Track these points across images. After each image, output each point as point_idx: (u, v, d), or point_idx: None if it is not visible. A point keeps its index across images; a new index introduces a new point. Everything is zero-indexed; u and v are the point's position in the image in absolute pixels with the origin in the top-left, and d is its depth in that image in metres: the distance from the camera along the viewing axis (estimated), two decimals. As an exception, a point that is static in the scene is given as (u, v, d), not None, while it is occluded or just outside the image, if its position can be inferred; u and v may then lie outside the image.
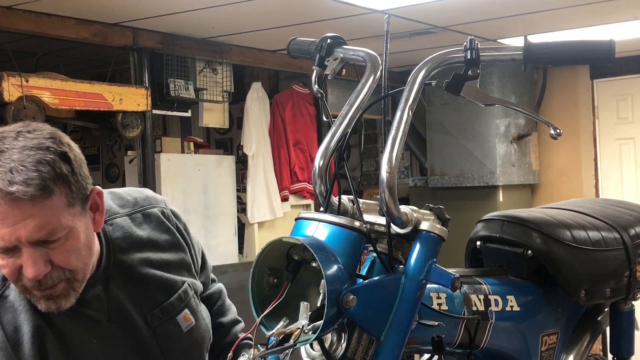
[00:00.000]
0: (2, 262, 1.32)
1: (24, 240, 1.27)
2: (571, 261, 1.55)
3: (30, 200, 1.25)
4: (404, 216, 1.21)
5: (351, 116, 1.32)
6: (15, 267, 1.31)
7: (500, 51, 1.33)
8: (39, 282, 1.31)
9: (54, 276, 1.33)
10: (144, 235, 1.54)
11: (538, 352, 1.53)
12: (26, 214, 1.26)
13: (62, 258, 1.33)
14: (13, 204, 1.25)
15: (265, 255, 1.20)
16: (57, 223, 1.30)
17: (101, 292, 1.46)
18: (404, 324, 1.20)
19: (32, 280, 1.30)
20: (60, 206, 1.30)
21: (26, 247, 1.28)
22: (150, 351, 1.49)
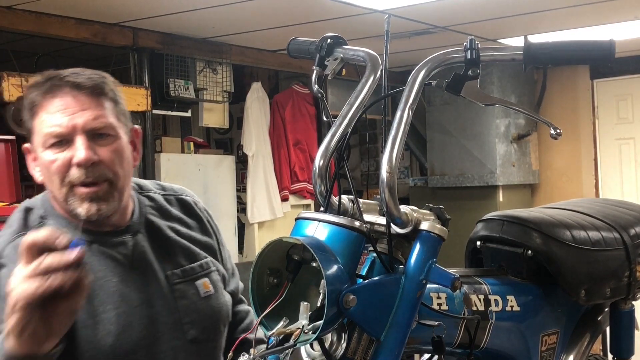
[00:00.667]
0: (53, 157, 1.43)
1: (80, 128, 1.43)
2: (571, 261, 1.55)
3: (89, 95, 1.45)
4: (404, 216, 1.21)
5: (351, 116, 1.32)
6: (66, 160, 1.43)
7: (500, 51, 1.33)
8: (85, 174, 1.42)
9: (98, 172, 1.44)
10: (175, 212, 1.67)
11: (538, 352, 1.53)
12: (84, 105, 1.44)
13: (108, 155, 1.45)
14: (74, 96, 1.44)
15: (265, 255, 1.20)
16: (108, 121, 1.47)
17: (129, 240, 1.55)
18: (404, 324, 1.20)
19: (81, 169, 1.41)
20: (110, 110, 1.48)
21: (80, 136, 1.43)
22: (165, 303, 1.54)
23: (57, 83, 1.46)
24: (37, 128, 1.46)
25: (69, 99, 1.44)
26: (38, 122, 1.46)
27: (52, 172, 1.45)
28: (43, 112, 1.45)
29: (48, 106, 1.45)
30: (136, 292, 1.51)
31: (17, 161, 3.96)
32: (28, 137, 1.51)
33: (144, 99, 4.67)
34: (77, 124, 1.43)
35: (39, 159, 1.48)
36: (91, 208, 1.44)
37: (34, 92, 1.48)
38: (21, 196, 3.94)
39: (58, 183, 1.45)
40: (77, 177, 1.43)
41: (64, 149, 1.44)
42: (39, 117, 1.45)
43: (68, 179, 1.44)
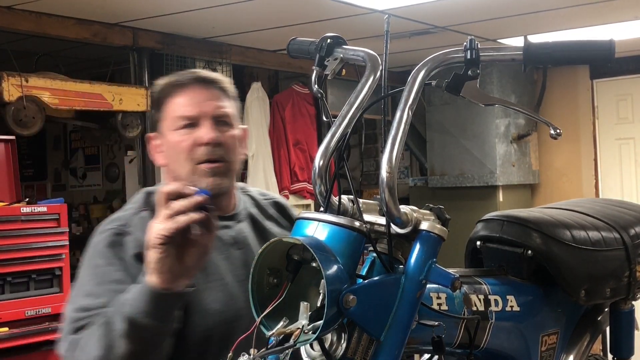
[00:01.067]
0: (182, 137, 1.64)
1: (207, 113, 1.65)
2: (571, 261, 1.55)
3: (215, 89, 1.69)
4: (404, 216, 1.21)
5: (351, 116, 1.32)
6: (193, 140, 1.64)
7: (500, 51, 1.33)
8: (210, 152, 1.62)
9: (220, 152, 1.64)
10: (271, 212, 1.86)
11: (538, 352, 1.53)
12: (211, 96, 1.67)
13: (228, 139, 1.67)
14: (202, 88, 1.68)
15: (265, 255, 1.20)
16: (230, 112, 1.71)
17: (234, 225, 1.75)
18: (404, 324, 1.20)
19: (207, 146, 1.62)
20: (230, 104, 1.72)
21: (206, 120, 1.65)
22: None
23: (187, 77, 1.70)
24: (166, 114, 1.68)
25: (198, 90, 1.67)
26: (168, 109, 1.68)
27: (179, 150, 1.65)
28: (174, 101, 1.68)
29: (178, 96, 1.67)
30: (239, 269, 1.68)
31: (17, 161, 3.97)
32: (153, 126, 1.74)
33: (143, 99, 4.66)
34: (205, 109, 1.65)
35: (166, 142, 1.68)
36: (212, 182, 1.63)
37: (165, 85, 1.71)
38: (21, 196, 3.94)
39: (184, 160, 1.64)
40: (203, 154, 1.63)
41: (191, 131, 1.65)
42: (169, 105, 1.68)
43: (194, 157, 1.64)
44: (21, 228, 3.54)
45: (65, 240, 3.71)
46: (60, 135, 8.65)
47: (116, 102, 4.51)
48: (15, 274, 3.51)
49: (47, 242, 3.63)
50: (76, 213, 8.18)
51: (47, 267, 3.64)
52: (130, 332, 1.39)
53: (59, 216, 3.69)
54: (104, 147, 8.28)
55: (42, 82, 4.15)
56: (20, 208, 3.57)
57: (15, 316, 3.49)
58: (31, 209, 3.59)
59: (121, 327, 1.39)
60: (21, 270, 3.53)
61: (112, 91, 4.51)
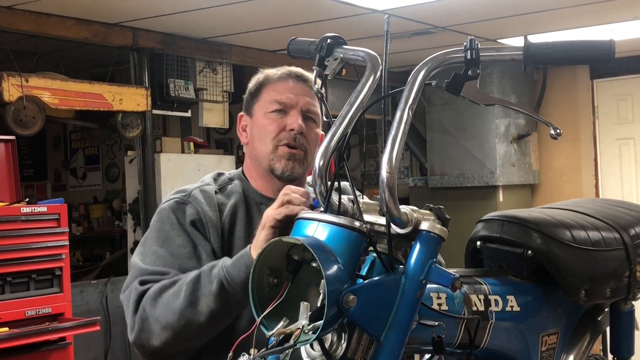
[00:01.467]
0: (271, 121, 1.80)
1: (299, 104, 1.80)
2: (571, 261, 1.55)
3: (309, 88, 1.82)
4: (404, 216, 1.21)
5: (351, 116, 1.32)
6: (281, 124, 1.79)
7: (500, 51, 1.33)
8: (294, 137, 1.77)
9: (301, 141, 1.79)
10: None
11: (538, 352, 1.53)
12: (305, 93, 1.82)
13: (310, 134, 1.81)
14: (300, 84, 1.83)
15: (265, 255, 1.20)
16: (316, 111, 1.84)
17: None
18: (404, 324, 1.20)
19: (292, 132, 1.77)
20: (317, 105, 1.84)
21: (295, 111, 1.80)
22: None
23: (291, 72, 1.86)
24: (264, 97, 1.85)
25: (296, 85, 1.83)
26: (266, 93, 1.85)
27: (266, 131, 1.80)
28: (273, 87, 1.84)
29: (278, 85, 1.84)
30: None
31: (17, 161, 3.97)
32: (247, 108, 1.91)
33: (144, 99, 4.67)
34: (298, 101, 1.81)
35: (255, 121, 1.85)
36: (287, 165, 1.78)
37: (270, 73, 1.87)
38: (21, 196, 3.94)
39: (269, 140, 1.80)
40: (286, 138, 1.79)
41: (281, 116, 1.80)
42: (268, 90, 1.85)
43: (277, 138, 1.79)
44: (21, 228, 3.54)
45: (65, 240, 3.71)
46: (60, 135, 8.65)
47: (116, 102, 4.51)
48: (15, 274, 3.51)
49: (47, 242, 3.63)
50: (76, 213, 8.19)
51: (47, 267, 3.64)
52: (219, 294, 1.54)
53: (59, 216, 3.69)
54: (104, 147, 8.28)
55: (42, 82, 4.15)
56: (20, 208, 3.57)
57: (15, 316, 3.49)
58: (31, 209, 3.59)
59: (213, 288, 1.54)
60: (21, 270, 3.53)
61: (112, 91, 4.51)
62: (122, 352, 4.78)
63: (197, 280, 1.57)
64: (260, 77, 1.89)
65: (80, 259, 7.71)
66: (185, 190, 1.83)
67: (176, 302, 1.57)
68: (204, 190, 1.80)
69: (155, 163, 4.93)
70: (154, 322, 1.59)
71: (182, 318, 1.56)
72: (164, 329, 1.58)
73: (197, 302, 1.55)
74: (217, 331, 1.61)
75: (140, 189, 4.92)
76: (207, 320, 1.55)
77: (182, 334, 1.57)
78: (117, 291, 4.74)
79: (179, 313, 1.56)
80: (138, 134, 4.75)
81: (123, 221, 7.15)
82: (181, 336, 1.58)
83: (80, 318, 3.76)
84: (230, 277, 1.53)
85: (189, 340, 1.60)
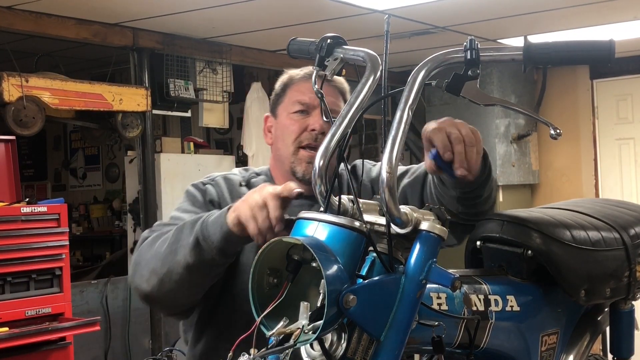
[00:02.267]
0: (293, 121, 1.81)
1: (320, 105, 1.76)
2: (571, 261, 1.55)
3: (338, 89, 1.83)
4: (404, 216, 1.21)
5: (351, 116, 1.32)
6: (303, 125, 1.80)
7: (500, 51, 1.33)
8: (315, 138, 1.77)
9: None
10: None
11: (538, 352, 1.53)
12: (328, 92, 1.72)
13: None
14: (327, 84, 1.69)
15: (265, 255, 1.20)
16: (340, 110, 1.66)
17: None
18: (404, 324, 1.20)
19: (314, 133, 1.78)
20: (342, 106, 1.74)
21: (317, 111, 1.79)
22: None
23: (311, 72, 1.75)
24: (287, 97, 1.85)
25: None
26: (290, 93, 1.85)
27: (288, 131, 1.81)
28: (297, 87, 1.84)
29: (301, 85, 1.84)
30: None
31: (17, 161, 3.97)
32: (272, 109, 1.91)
33: (144, 99, 4.67)
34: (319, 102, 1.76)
35: (279, 122, 1.86)
36: (308, 168, 1.77)
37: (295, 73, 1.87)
38: (21, 196, 3.95)
39: (290, 141, 1.81)
40: (307, 138, 1.79)
41: (303, 117, 1.81)
42: (292, 91, 1.85)
43: (299, 139, 1.80)
44: (21, 228, 3.54)
45: (65, 240, 3.71)
46: (60, 135, 8.65)
47: (116, 102, 4.51)
48: (15, 274, 3.51)
49: (47, 242, 3.63)
50: (76, 213, 8.19)
51: (47, 267, 3.64)
52: (194, 248, 1.54)
53: (59, 216, 3.69)
54: (104, 147, 8.29)
55: (42, 82, 4.15)
56: (20, 208, 3.57)
57: (15, 316, 3.49)
58: (31, 209, 3.59)
59: (189, 241, 1.55)
60: (21, 270, 3.53)
61: (112, 91, 4.51)
62: (122, 352, 4.78)
63: (181, 230, 1.59)
64: (284, 78, 1.90)
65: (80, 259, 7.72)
66: (211, 176, 1.88)
67: (161, 249, 1.61)
68: (227, 178, 1.86)
69: (155, 163, 4.93)
70: (145, 265, 1.63)
71: (164, 265, 1.58)
72: (152, 273, 1.61)
73: (176, 251, 1.57)
74: (198, 288, 1.63)
75: (140, 189, 4.92)
76: (183, 271, 1.56)
77: (164, 282, 1.59)
78: (117, 291, 4.75)
79: (162, 260, 1.59)
80: (138, 134, 4.75)
81: (123, 221, 7.15)
82: (164, 284, 1.59)
83: (80, 318, 3.76)
84: (205, 235, 1.54)
85: (172, 291, 1.60)
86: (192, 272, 1.56)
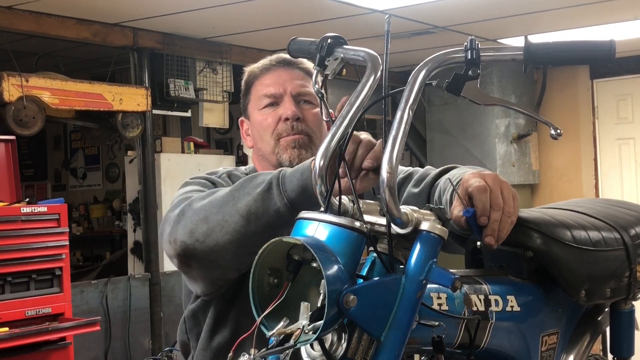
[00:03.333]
0: (265, 116, 1.78)
1: (288, 91, 1.77)
2: (571, 261, 1.54)
3: (301, 69, 1.80)
4: (405, 216, 1.21)
5: (351, 116, 1.32)
6: (276, 116, 1.76)
7: (500, 51, 1.33)
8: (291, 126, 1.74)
9: (301, 127, 1.75)
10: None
11: (538, 352, 1.53)
12: (293, 77, 1.78)
13: (308, 116, 1.77)
14: (289, 69, 1.80)
15: (265, 255, 1.20)
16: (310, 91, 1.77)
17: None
18: (404, 324, 1.20)
19: (288, 120, 1.74)
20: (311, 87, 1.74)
21: (287, 97, 1.76)
22: None
23: (272, 61, 1.82)
24: (253, 95, 1.83)
25: (281, 71, 1.79)
26: (254, 90, 1.83)
27: (263, 128, 1.78)
28: (259, 82, 1.82)
29: (264, 78, 1.81)
30: None
31: (17, 161, 3.97)
32: (244, 112, 1.88)
33: (144, 99, 4.67)
34: (286, 88, 1.77)
35: (252, 122, 1.83)
36: (293, 153, 1.73)
37: (252, 70, 1.85)
38: (21, 196, 3.95)
39: (268, 137, 1.77)
40: (284, 129, 1.75)
41: (274, 108, 1.78)
42: (255, 87, 1.82)
43: (276, 132, 1.76)
44: (21, 228, 3.54)
45: (65, 240, 3.71)
46: (60, 135, 8.65)
47: (116, 102, 4.51)
48: (15, 274, 3.51)
49: (47, 242, 3.63)
50: (76, 213, 8.19)
51: (47, 267, 3.64)
52: (262, 192, 1.46)
53: (59, 216, 3.69)
54: (104, 147, 8.29)
55: (42, 82, 4.15)
56: (20, 208, 3.57)
57: (15, 316, 3.49)
58: (31, 209, 3.59)
59: (260, 188, 1.46)
60: (21, 270, 3.53)
61: (112, 91, 4.51)
62: (122, 352, 4.78)
63: (250, 179, 1.50)
64: (245, 77, 1.88)
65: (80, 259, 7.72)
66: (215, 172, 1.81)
67: (220, 195, 1.51)
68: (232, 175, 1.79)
69: (155, 163, 4.93)
70: (193, 214, 1.52)
71: (220, 212, 1.47)
72: (200, 222, 1.49)
73: (239, 198, 1.47)
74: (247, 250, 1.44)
75: (140, 189, 4.92)
76: (240, 220, 1.45)
77: (214, 232, 1.47)
78: (117, 291, 4.75)
79: (219, 206, 1.48)
80: (138, 134, 4.75)
81: (123, 221, 7.16)
82: (213, 234, 1.47)
83: (80, 318, 3.76)
84: (282, 180, 1.45)
85: (218, 245, 1.48)
86: (250, 222, 1.45)
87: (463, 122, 5.98)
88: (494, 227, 1.34)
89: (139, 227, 4.99)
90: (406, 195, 1.80)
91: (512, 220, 1.38)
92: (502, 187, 1.37)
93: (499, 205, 1.35)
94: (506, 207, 1.36)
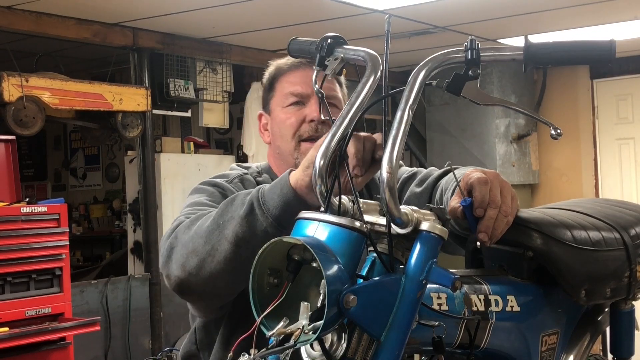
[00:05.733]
0: (289, 115, 1.73)
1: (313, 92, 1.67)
2: (571, 261, 1.54)
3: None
4: (405, 216, 1.21)
5: (351, 116, 1.32)
6: (300, 116, 1.72)
7: (500, 51, 1.33)
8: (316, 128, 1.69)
9: (325, 129, 1.67)
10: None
11: (538, 352, 1.53)
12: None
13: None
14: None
15: (265, 255, 1.20)
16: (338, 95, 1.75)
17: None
18: (404, 324, 1.20)
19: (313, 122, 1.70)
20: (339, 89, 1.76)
21: (313, 100, 1.71)
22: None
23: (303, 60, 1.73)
24: (278, 91, 1.77)
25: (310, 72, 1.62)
26: (279, 86, 1.77)
27: (286, 127, 1.73)
28: (286, 79, 1.76)
29: (291, 75, 1.76)
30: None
31: (17, 161, 3.97)
32: (264, 106, 1.83)
33: (144, 99, 4.67)
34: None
35: (274, 118, 1.78)
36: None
37: (280, 64, 1.79)
38: (21, 196, 3.95)
39: (289, 137, 1.73)
40: (307, 131, 1.71)
41: (299, 108, 1.73)
42: (281, 83, 1.77)
43: (298, 133, 1.72)
44: (21, 228, 3.54)
45: (65, 240, 3.71)
46: (60, 135, 8.65)
47: (116, 102, 4.51)
48: (15, 274, 3.51)
49: (47, 242, 3.63)
50: (76, 213, 8.19)
51: (47, 267, 3.64)
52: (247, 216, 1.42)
53: (59, 216, 3.69)
54: (104, 147, 8.29)
55: (42, 82, 4.15)
56: (20, 208, 3.57)
57: (15, 316, 3.49)
58: (31, 209, 3.59)
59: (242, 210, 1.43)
60: (21, 270, 3.53)
61: (112, 91, 4.51)
62: (122, 352, 4.78)
63: (231, 202, 1.47)
64: (271, 70, 1.81)
65: (80, 259, 7.72)
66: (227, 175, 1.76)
67: (204, 225, 1.47)
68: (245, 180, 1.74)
69: (155, 163, 4.93)
70: (182, 247, 1.49)
71: (208, 242, 1.44)
72: (190, 254, 1.46)
73: (224, 225, 1.44)
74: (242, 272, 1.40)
75: (140, 189, 4.92)
76: (230, 247, 1.42)
77: (206, 263, 1.44)
78: (117, 291, 4.75)
79: (205, 236, 1.45)
80: (138, 134, 4.75)
81: (123, 221, 7.16)
82: (206, 265, 1.44)
83: (80, 318, 3.76)
84: (262, 200, 1.42)
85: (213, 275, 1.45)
86: (239, 247, 1.42)
87: (463, 122, 5.98)
88: (488, 224, 1.35)
89: (139, 227, 4.99)
90: (409, 195, 1.79)
91: (508, 221, 1.38)
92: (503, 185, 1.37)
93: (497, 202, 1.35)
94: (504, 205, 1.36)
